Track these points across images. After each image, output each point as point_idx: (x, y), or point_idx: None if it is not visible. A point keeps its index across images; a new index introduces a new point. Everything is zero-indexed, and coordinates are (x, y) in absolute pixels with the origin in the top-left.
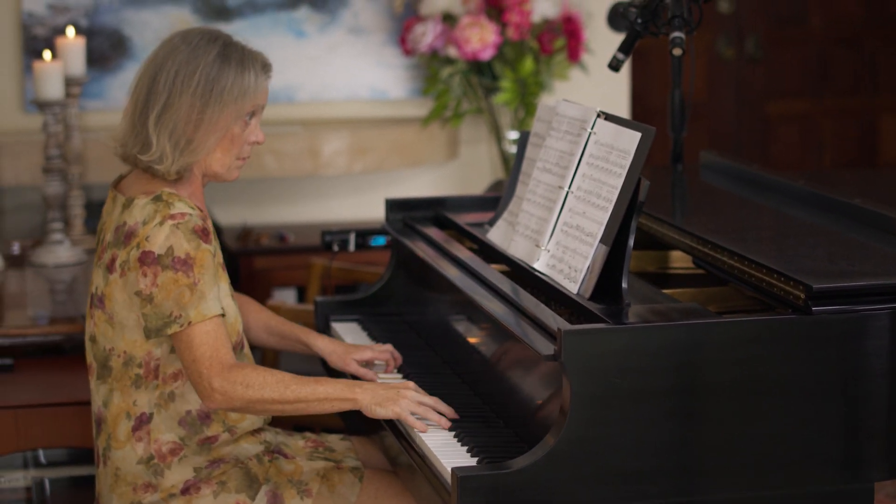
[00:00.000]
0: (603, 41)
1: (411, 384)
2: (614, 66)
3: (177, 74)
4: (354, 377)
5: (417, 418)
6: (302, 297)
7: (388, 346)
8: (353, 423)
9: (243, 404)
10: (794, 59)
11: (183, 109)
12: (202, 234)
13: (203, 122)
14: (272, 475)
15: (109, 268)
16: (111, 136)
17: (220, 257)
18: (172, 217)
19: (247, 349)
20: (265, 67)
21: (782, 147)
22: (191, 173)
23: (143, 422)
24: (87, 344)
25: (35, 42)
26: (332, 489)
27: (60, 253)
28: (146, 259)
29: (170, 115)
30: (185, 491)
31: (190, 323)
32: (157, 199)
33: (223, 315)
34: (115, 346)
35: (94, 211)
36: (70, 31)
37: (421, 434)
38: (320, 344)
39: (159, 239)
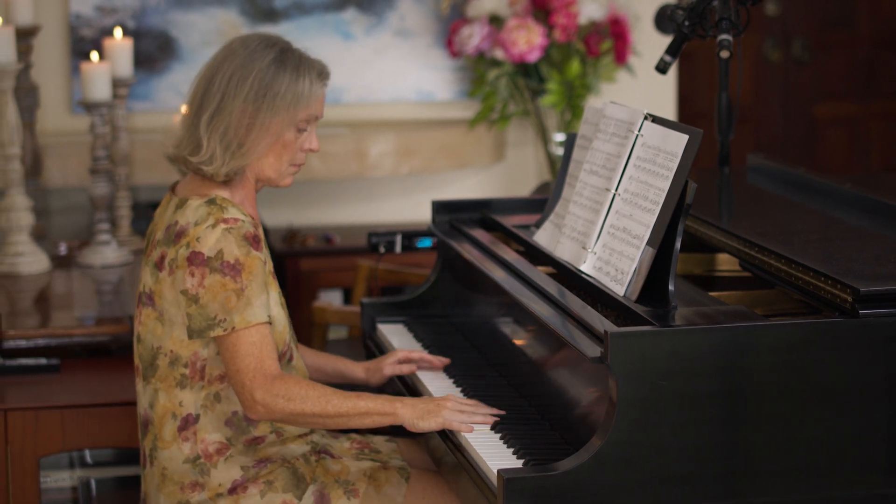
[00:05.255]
0: (650, 43)
1: (451, 395)
2: (661, 68)
3: (231, 78)
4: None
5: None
6: (348, 298)
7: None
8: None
9: (284, 416)
10: (841, 61)
11: (235, 113)
12: (253, 241)
13: (255, 127)
14: (319, 475)
15: (158, 265)
16: (167, 137)
17: (270, 265)
18: (225, 221)
19: (297, 361)
20: (321, 75)
21: (829, 150)
22: (243, 177)
23: (189, 422)
24: (134, 344)
25: (83, 43)
26: (379, 489)
27: (107, 254)
28: (195, 259)
29: (222, 117)
30: (233, 490)
31: (234, 328)
32: (211, 202)
33: (269, 323)
34: (162, 345)
35: (140, 212)
36: (117, 32)
37: (466, 436)
38: (357, 371)
39: (210, 241)
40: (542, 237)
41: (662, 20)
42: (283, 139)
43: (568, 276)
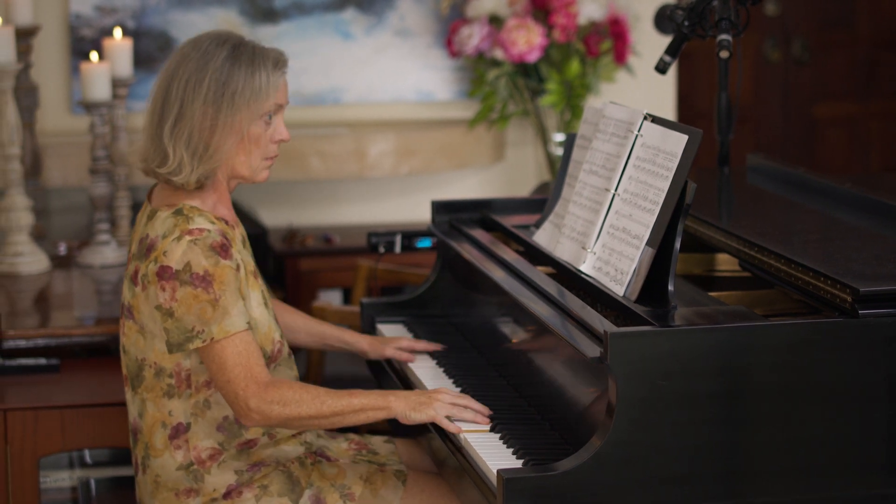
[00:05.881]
0: (649, 43)
1: (444, 388)
2: (661, 68)
3: (188, 82)
4: (395, 374)
5: (453, 420)
6: (347, 298)
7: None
8: (398, 424)
9: (280, 422)
10: (841, 61)
11: (196, 117)
12: (221, 249)
13: (218, 127)
14: (315, 479)
15: (133, 280)
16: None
17: (250, 266)
18: (190, 232)
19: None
20: (278, 64)
21: (829, 150)
22: (214, 180)
23: (180, 431)
24: (121, 353)
25: (82, 43)
26: (375, 493)
27: (106, 254)
28: (164, 274)
29: (184, 123)
30: (227, 495)
31: (213, 339)
32: (178, 212)
33: (249, 329)
34: (146, 357)
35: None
36: (117, 32)
37: (466, 436)
38: (361, 342)
39: (177, 254)
40: (542, 237)
41: (662, 20)
42: (250, 135)
43: (568, 276)
